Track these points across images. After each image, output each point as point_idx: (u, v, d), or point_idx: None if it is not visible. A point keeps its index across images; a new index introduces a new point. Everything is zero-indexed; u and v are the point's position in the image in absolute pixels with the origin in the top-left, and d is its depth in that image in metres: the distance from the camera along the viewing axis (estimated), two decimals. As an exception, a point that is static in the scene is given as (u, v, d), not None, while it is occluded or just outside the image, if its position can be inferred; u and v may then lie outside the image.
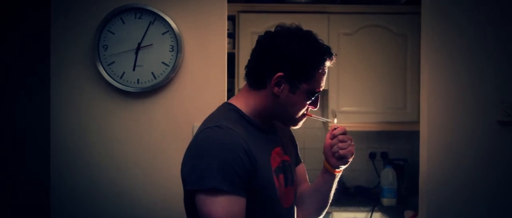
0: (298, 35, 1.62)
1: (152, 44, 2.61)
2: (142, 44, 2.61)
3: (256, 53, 1.66)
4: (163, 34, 2.62)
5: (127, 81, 2.62)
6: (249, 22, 3.74)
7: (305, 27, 3.50)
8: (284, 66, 1.59)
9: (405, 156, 3.99)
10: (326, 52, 1.62)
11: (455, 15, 2.62)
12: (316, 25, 3.69)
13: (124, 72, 2.62)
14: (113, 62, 2.62)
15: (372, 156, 4.02)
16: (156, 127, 2.68)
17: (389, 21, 3.72)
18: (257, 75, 1.65)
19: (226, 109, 1.68)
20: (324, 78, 1.66)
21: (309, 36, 1.63)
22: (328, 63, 1.63)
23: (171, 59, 2.62)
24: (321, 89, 1.66)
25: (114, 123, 2.67)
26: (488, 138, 2.58)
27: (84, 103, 2.66)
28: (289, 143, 1.88)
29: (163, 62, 2.62)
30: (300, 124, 1.72)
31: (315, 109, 1.71)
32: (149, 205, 2.66)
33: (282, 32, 1.63)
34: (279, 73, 1.58)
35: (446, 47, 2.62)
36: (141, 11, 2.62)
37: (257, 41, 1.67)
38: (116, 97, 2.66)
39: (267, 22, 3.60)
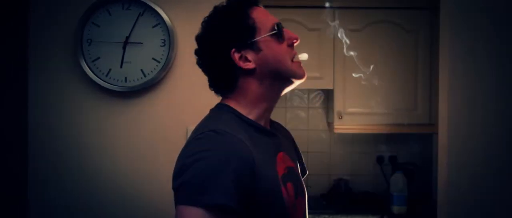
0: (210, 15, 1.42)
1: (142, 42, 2.30)
2: (131, 39, 2.30)
3: (204, 66, 1.44)
4: (153, 27, 2.31)
5: (114, 79, 2.33)
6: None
7: (310, 22, 3.17)
8: (227, 43, 1.37)
9: (415, 160, 3.68)
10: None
11: (477, 10, 2.33)
12: (321, 20, 3.39)
13: (110, 69, 2.32)
14: (98, 58, 2.32)
15: (380, 160, 3.70)
16: (145, 130, 2.38)
17: (399, 17, 3.42)
18: (222, 77, 1.41)
19: (221, 110, 1.41)
20: (266, 13, 1.42)
21: (221, 6, 1.42)
22: (255, 4, 1.42)
23: (162, 55, 2.31)
24: (276, 20, 1.40)
25: (99, 126, 2.38)
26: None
27: (65, 104, 2.36)
28: (292, 149, 1.59)
29: (153, 59, 2.31)
30: (302, 71, 1.43)
31: (298, 42, 1.42)
32: (136, 216, 2.35)
33: (201, 30, 1.44)
34: (232, 51, 1.36)
35: (467, 44, 2.34)
36: (129, 2, 2.31)
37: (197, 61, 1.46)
38: (101, 97, 2.37)
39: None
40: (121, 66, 2.31)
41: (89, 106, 2.36)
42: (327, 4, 3.43)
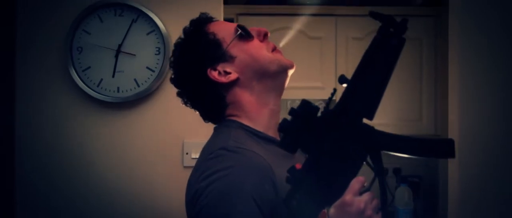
0: (173, 53, 1.36)
1: (135, 54, 2.15)
2: (123, 47, 2.15)
3: (189, 100, 1.34)
4: (147, 34, 2.15)
5: (106, 89, 2.16)
6: (250, 25, 3.22)
7: (310, 30, 3.03)
8: (200, 66, 1.26)
9: (419, 172, 3.51)
10: (199, 20, 1.34)
11: (487, 15, 2.20)
12: (322, 28, 3.26)
13: (101, 79, 2.16)
14: (89, 67, 2.16)
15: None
16: (139, 143, 2.21)
17: (403, 25, 3.27)
18: (210, 102, 1.31)
19: (227, 126, 1.27)
20: (224, 23, 1.36)
21: (178, 40, 1.36)
22: (209, 21, 1.34)
23: (157, 63, 2.15)
24: (236, 24, 1.30)
25: (90, 139, 2.20)
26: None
27: (54, 116, 2.20)
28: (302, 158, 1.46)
29: (147, 68, 2.15)
30: (288, 60, 1.29)
31: (269, 34, 1.31)
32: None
33: (172, 71, 1.37)
34: (208, 71, 1.26)
35: (477, 51, 2.20)
36: (122, 7, 2.15)
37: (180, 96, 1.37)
38: (92, 108, 2.19)
39: (270, 26, 3.14)
40: (113, 76, 2.15)
41: (79, 118, 2.19)
42: (328, 12, 3.29)
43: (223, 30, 1.28)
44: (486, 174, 2.17)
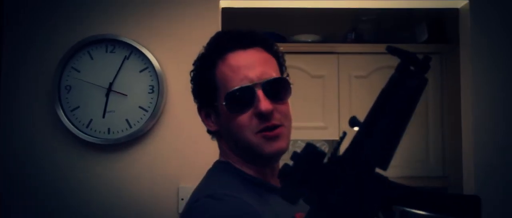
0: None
1: (127, 89, 2.01)
2: (115, 85, 2.00)
3: None
4: (140, 71, 2.01)
5: (96, 130, 2.01)
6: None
7: (312, 68, 2.88)
8: (194, 98, 1.17)
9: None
10: (217, 38, 1.14)
11: (501, 51, 2.10)
12: (324, 67, 3.13)
13: (91, 120, 2.01)
14: (78, 107, 2.01)
15: (390, 216, 3.35)
16: (132, 188, 2.04)
17: (407, 62, 3.14)
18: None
19: (221, 170, 1.14)
20: (237, 68, 1.07)
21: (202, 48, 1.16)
22: (233, 49, 1.09)
23: (150, 103, 2.01)
24: (238, 84, 1.06)
25: (79, 183, 2.04)
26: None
27: (40, 159, 2.04)
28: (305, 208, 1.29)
29: (140, 107, 2.01)
30: (269, 147, 1.06)
31: (266, 111, 1.03)
32: None
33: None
34: (198, 109, 1.17)
35: (491, 88, 2.05)
36: (113, 43, 2.02)
37: None
38: (81, 151, 2.04)
39: (269, 63, 3.01)
40: (103, 116, 2.00)
41: (67, 161, 2.03)
42: (330, 50, 3.16)
43: (226, 82, 1.08)
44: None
